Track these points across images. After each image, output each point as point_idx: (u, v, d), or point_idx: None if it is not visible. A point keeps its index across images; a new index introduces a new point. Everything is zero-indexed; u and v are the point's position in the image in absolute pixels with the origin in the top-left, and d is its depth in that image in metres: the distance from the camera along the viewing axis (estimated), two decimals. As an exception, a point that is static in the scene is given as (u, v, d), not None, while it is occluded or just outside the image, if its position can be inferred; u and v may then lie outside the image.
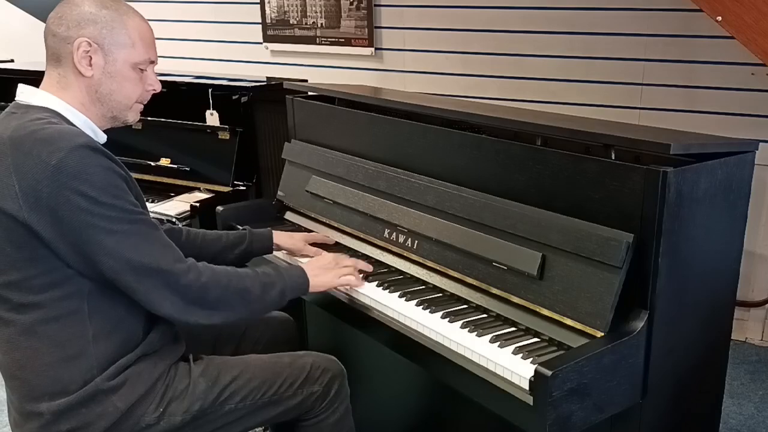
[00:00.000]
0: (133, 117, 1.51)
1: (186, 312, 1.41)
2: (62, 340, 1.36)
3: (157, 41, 1.52)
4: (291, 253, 1.96)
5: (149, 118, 2.77)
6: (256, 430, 1.78)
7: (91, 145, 1.30)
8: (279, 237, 1.93)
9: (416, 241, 1.79)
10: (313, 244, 1.97)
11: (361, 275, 1.77)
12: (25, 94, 1.41)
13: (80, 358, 1.37)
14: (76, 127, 1.39)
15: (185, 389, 1.48)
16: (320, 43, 3.84)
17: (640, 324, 1.38)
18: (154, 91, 1.52)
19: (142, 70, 1.46)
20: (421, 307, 1.63)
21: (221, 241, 1.84)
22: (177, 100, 2.70)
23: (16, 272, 1.32)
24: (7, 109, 1.41)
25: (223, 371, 1.55)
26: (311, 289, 1.63)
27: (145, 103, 1.53)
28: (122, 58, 1.42)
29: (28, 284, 1.33)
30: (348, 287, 1.72)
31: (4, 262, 1.33)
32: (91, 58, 1.39)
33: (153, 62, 1.50)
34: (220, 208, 2.24)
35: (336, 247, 2.00)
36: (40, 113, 1.36)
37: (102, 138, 1.47)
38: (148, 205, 2.01)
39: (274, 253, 1.95)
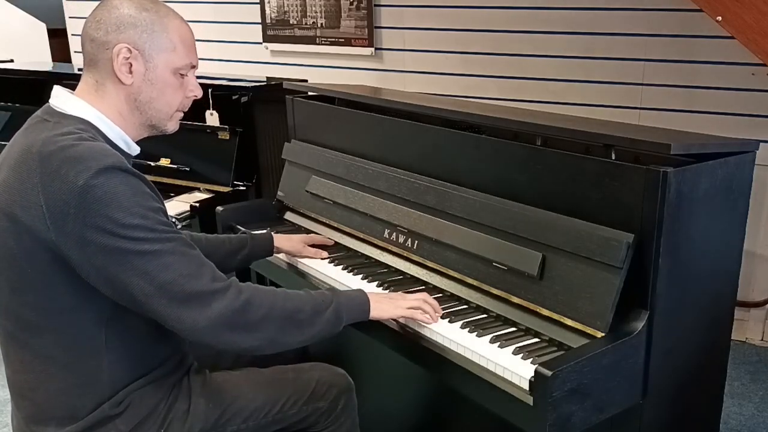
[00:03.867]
0: (173, 126, 1.43)
1: (223, 335, 1.28)
2: (77, 366, 1.31)
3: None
4: (290, 254, 1.96)
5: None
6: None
7: (119, 165, 1.22)
8: (278, 240, 1.93)
9: (416, 241, 1.79)
10: (312, 245, 1.97)
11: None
12: (60, 99, 1.33)
13: (93, 386, 1.33)
14: (110, 140, 1.33)
15: (186, 411, 1.43)
16: (320, 43, 3.84)
17: (640, 324, 1.38)
18: (195, 98, 1.44)
19: (182, 75, 1.38)
20: (421, 307, 1.63)
21: (225, 246, 1.81)
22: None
23: (34, 294, 1.26)
24: (38, 113, 1.33)
25: (224, 390, 1.49)
26: (372, 313, 1.51)
27: (185, 110, 1.45)
28: (163, 63, 1.34)
29: (46, 306, 1.27)
30: (415, 321, 1.56)
31: (24, 282, 1.26)
32: (131, 65, 1.31)
33: (194, 67, 1.41)
34: (219, 208, 2.23)
35: (335, 248, 2.00)
36: (72, 125, 1.28)
37: (135, 150, 1.40)
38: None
39: (275, 255, 1.95)
